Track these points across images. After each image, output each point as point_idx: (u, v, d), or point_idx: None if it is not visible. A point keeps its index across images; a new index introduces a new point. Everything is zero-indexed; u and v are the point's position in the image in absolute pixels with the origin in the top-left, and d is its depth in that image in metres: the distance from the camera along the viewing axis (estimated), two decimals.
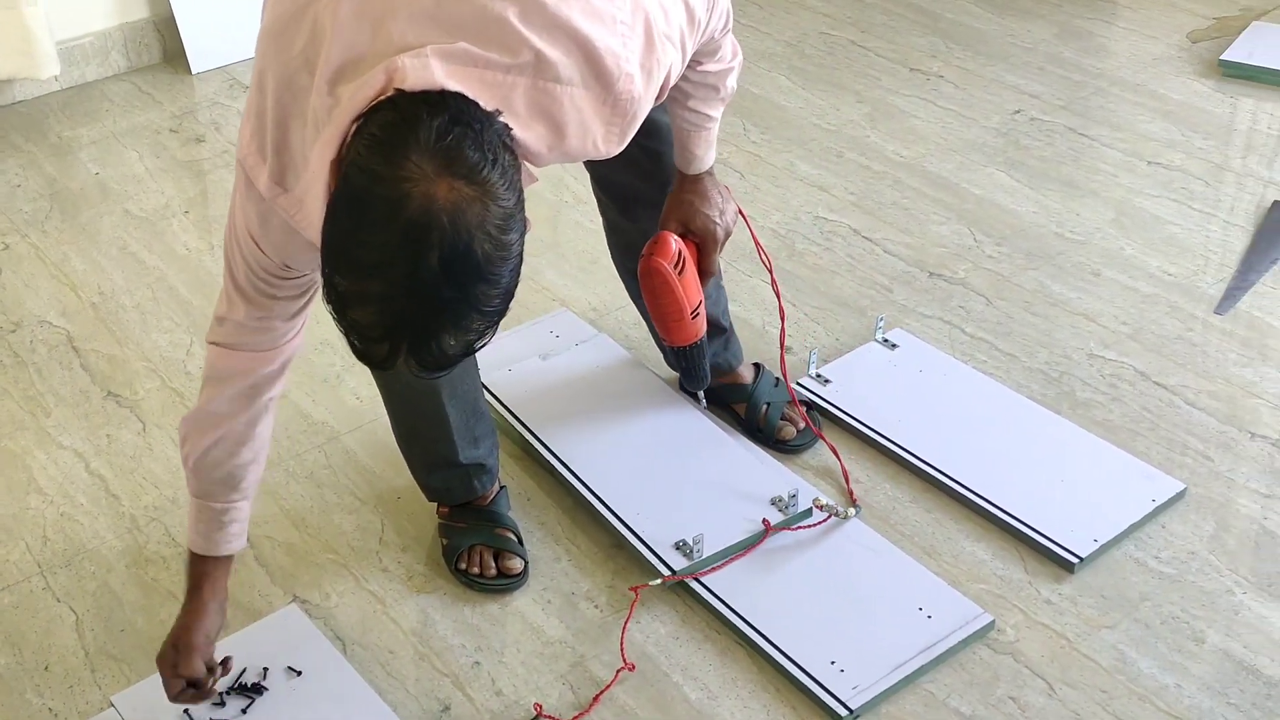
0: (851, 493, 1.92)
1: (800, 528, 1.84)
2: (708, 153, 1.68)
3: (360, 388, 2.19)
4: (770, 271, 1.88)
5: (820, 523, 1.85)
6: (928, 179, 2.70)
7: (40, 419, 2.17)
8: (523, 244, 1.13)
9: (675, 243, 1.67)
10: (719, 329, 1.98)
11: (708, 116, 1.64)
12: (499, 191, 1.09)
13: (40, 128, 3.04)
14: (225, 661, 1.61)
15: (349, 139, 1.12)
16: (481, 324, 1.12)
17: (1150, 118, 2.88)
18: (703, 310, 1.71)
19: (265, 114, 1.25)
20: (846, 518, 1.86)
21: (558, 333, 2.24)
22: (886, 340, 2.21)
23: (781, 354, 1.95)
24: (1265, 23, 3.20)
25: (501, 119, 1.14)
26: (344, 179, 1.11)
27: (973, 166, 2.74)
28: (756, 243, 1.86)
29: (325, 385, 2.20)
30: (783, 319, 1.93)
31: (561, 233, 2.56)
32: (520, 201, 1.13)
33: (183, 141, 2.97)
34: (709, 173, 1.71)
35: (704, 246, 1.70)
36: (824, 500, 1.86)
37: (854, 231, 2.54)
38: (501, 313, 1.13)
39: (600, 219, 1.98)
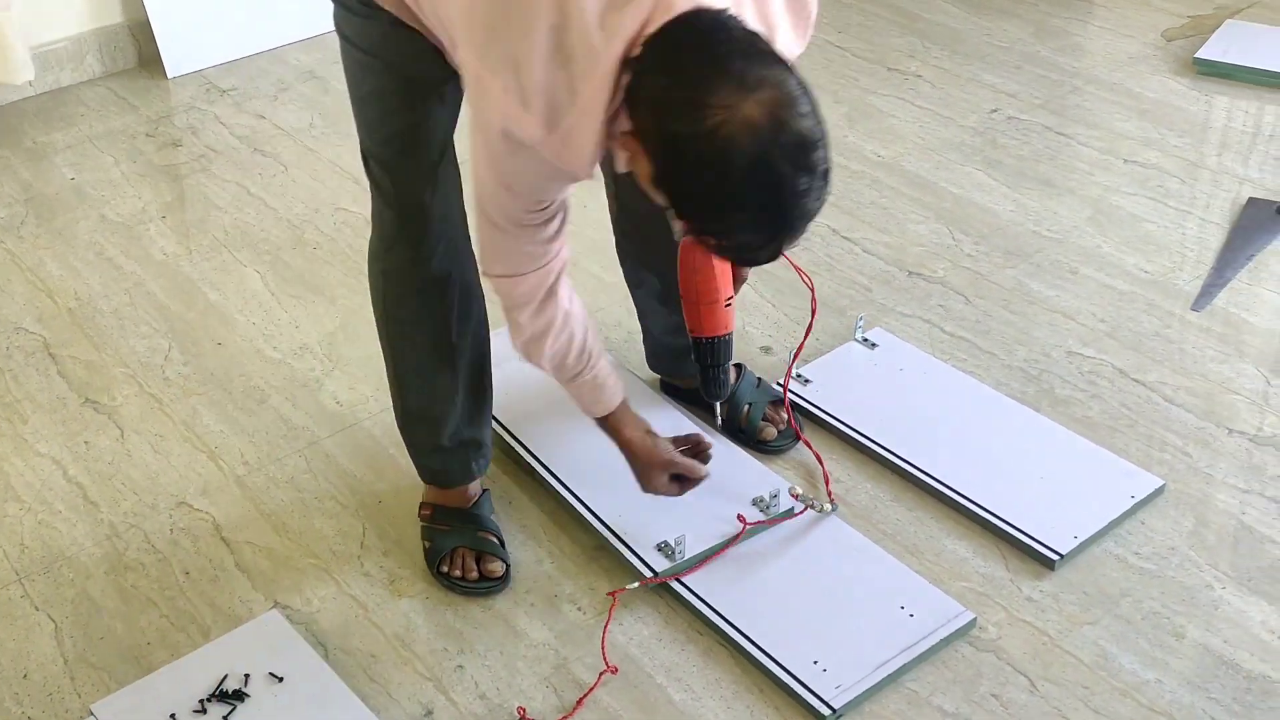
0: (831, 494, 1.92)
1: (777, 519, 1.84)
2: None
3: (340, 392, 2.18)
4: (812, 291, 1.96)
5: (798, 514, 1.85)
6: (906, 178, 2.71)
7: (17, 426, 2.15)
8: (804, 81, 1.26)
9: None
10: None
11: None
12: (779, 72, 1.23)
13: (15, 133, 3.02)
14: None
15: (629, 92, 1.27)
16: (827, 177, 1.27)
17: (1126, 116, 2.90)
18: (733, 306, 1.73)
19: (519, 63, 1.32)
20: (823, 511, 1.86)
21: None
22: (866, 340, 2.21)
23: (789, 374, 1.96)
24: (1239, 20, 3.22)
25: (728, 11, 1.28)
26: (666, 150, 1.26)
27: (951, 165, 2.75)
28: (796, 268, 1.89)
29: (305, 390, 2.20)
30: (807, 335, 2.00)
31: None
32: (781, 60, 1.26)
33: (159, 146, 2.95)
34: None
35: None
36: (799, 490, 1.87)
37: (833, 231, 2.55)
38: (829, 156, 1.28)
39: (594, 220, 1.98)
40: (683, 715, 1.64)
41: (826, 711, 1.60)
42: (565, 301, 1.61)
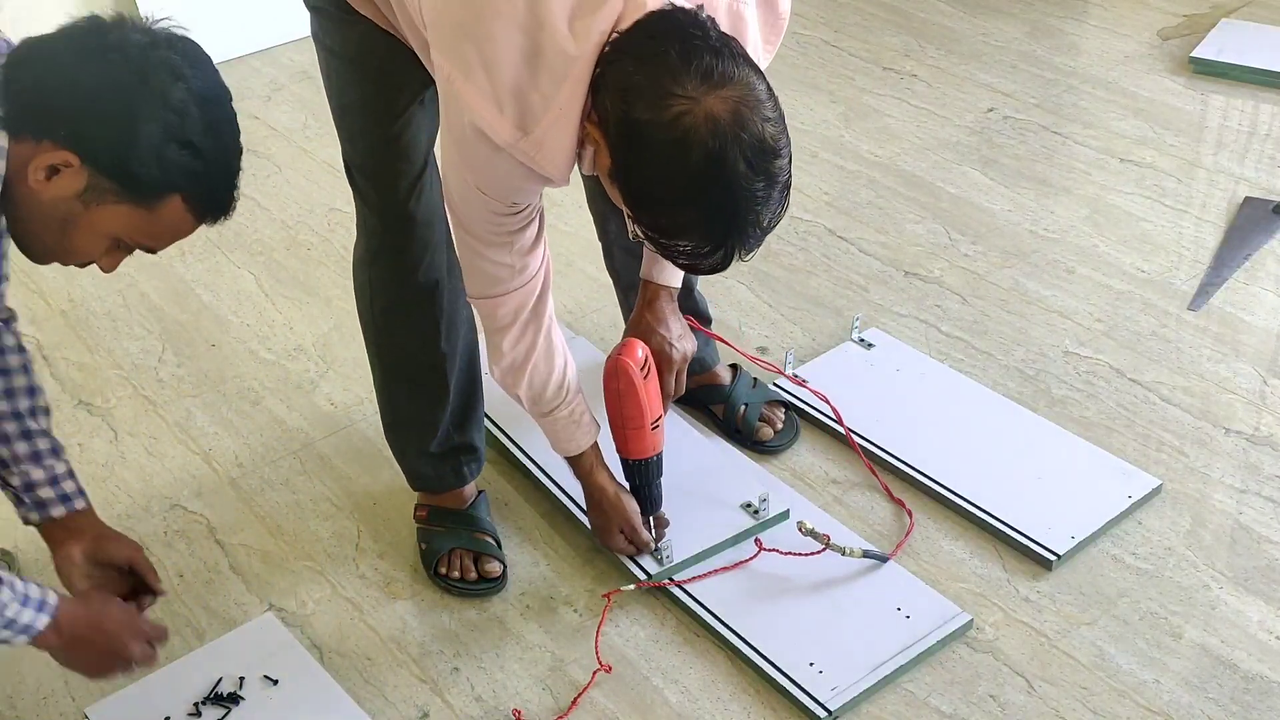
0: (900, 547, 1.84)
1: (792, 554, 1.79)
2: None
3: (335, 393, 2.18)
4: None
5: (816, 553, 1.77)
6: (902, 178, 2.71)
7: None
8: (772, 89, 1.27)
9: (643, 349, 1.69)
10: (706, 319, 2.01)
11: None
12: (749, 74, 1.23)
13: None
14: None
15: (597, 82, 1.27)
16: (785, 192, 1.28)
17: (1122, 115, 2.89)
18: (662, 425, 1.73)
19: (495, 67, 1.30)
20: (849, 554, 1.77)
21: None
22: (863, 340, 2.21)
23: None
24: (1234, 20, 3.22)
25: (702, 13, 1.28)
26: (626, 137, 1.24)
27: (947, 165, 2.74)
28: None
29: (300, 391, 2.19)
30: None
31: None
32: (752, 63, 1.26)
33: None
34: (670, 296, 1.75)
35: (659, 366, 1.74)
36: (809, 524, 1.77)
37: (829, 231, 2.54)
38: (790, 171, 1.28)
39: (588, 220, 1.96)
40: (679, 716, 1.63)
41: (822, 713, 1.60)
42: (548, 328, 1.58)
